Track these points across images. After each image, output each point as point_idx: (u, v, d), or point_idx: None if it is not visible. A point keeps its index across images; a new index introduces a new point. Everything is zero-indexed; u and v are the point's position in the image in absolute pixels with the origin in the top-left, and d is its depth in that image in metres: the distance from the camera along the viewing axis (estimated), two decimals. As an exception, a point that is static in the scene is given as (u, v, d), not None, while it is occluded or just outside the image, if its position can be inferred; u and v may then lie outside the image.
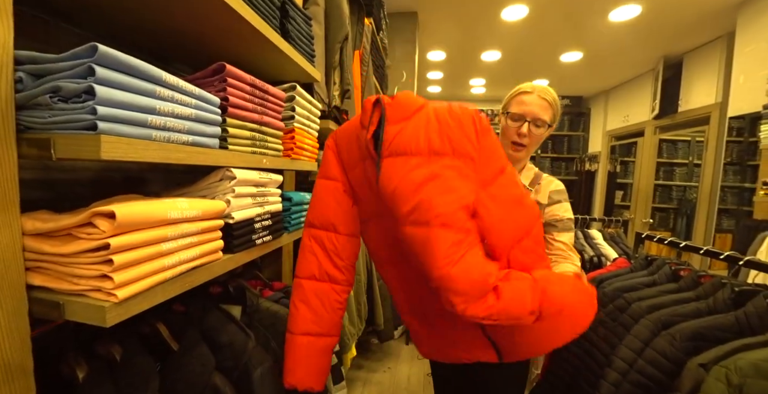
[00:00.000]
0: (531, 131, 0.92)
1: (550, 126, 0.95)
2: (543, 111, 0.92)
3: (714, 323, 0.72)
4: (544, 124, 0.92)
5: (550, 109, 0.93)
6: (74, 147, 0.41)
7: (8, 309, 0.42)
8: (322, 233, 0.75)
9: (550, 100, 0.93)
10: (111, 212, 0.42)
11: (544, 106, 0.92)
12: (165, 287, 0.51)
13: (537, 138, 0.94)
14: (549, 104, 0.93)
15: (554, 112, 0.94)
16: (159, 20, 0.68)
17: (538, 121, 0.92)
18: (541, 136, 0.95)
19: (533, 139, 0.94)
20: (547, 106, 0.93)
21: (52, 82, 0.41)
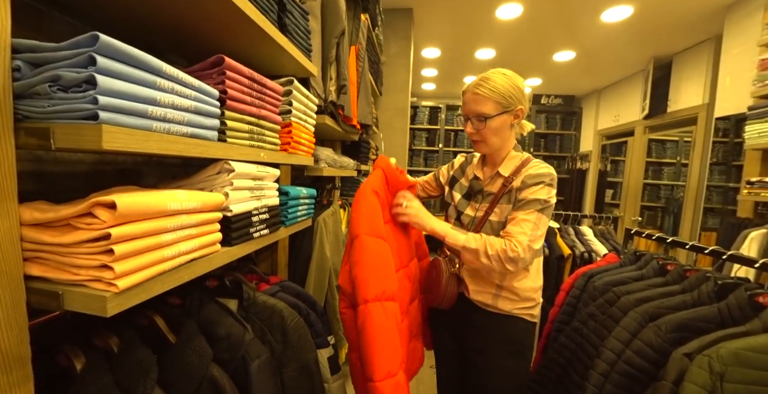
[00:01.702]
0: (477, 127, 0.94)
1: (505, 112, 0.92)
2: (479, 105, 0.92)
3: (698, 314, 0.75)
4: (486, 117, 0.92)
5: (489, 100, 0.91)
6: (74, 137, 0.41)
7: (6, 299, 0.42)
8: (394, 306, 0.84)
9: (483, 92, 0.91)
10: (112, 202, 0.42)
11: (479, 100, 0.92)
12: (164, 278, 0.51)
13: (489, 131, 0.94)
14: (485, 96, 0.91)
15: (497, 99, 0.91)
16: (154, 11, 0.68)
17: (479, 116, 0.92)
18: (494, 128, 0.94)
19: (485, 133, 0.94)
20: (483, 98, 0.91)
21: (51, 71, 0.40)
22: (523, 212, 0.90)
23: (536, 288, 0.99)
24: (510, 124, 0.96)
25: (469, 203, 1.04)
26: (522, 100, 0.94)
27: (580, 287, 1.09)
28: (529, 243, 0.86)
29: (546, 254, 1.48)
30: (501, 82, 0.92)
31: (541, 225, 0.89)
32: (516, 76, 0.95)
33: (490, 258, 0.87)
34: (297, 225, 1.02)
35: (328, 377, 0.93)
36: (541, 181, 0.91)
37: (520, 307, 0.97)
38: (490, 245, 0.87)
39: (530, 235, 0.87)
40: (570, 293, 1.11)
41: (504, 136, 0.97)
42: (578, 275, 1.13)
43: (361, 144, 2.03)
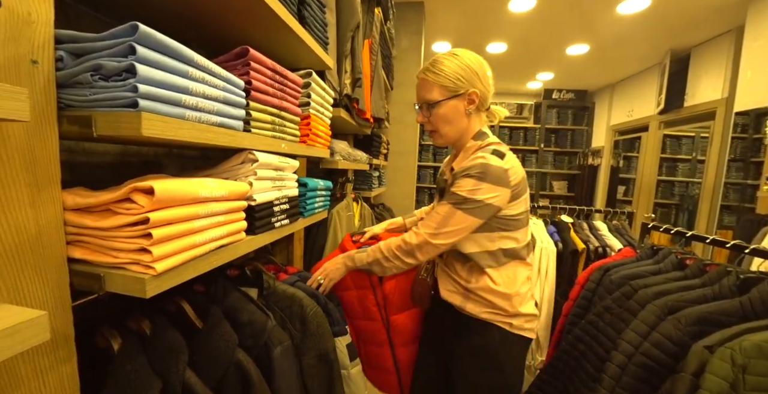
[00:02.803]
0: (426, 115, 0.87)
1: (454, 97, 0.84)
2: (425, 90, 0.86)
3: (719, 308, 0.74)
4: (431, 103, 0.85)
5: (435, 84, 0.84)
6: (115, 124, 0.43)
7: (52, 280, 0.44)
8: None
9: (429, 76, 0.84)
10: (150, 187, 0.43)
11: (425, 85, 0.85)
12: (196, 263, 0.53)
13: (438, 118, 0.86)
14: (431, 80, 0.84)
15: (443, 83, 0.83)
16: (178, 2, 0.69)
17: (426, 103, 0.86)
18: (443, 115, 0.85)
19: (435, 122, 0.87)
20: (428, 83, 0.84)
21: (92, 60, 0.42)
22: (439, 204, 0.84)
23: (505, 294, 0.86)
24: (464, 110, 0.85)
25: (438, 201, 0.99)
26: (476, 82, 0.84)
27: (596, 280, 1.08)
28: (428, 236, 0.80)
29: (560, 248, 1.47)
30: (449, 64, 0.83)
31: (452, 220, 0.79)
32: (471, 55, 0.86)
33: (389, 260, 0.85)
34: (314, 216, 1.04)
35: (347, 364, 0.95)
36: (466, 174, 0.80)
37: (490, 312, 0.88)
38: (384, 249, 0.86)
39: (434, 227, 0.80)
40: (585, 286, 1.11)
41: (459, 124, 0.87)
42: (594, 269, 1.13)
43: (373, 138, 2.04)
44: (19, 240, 0.41)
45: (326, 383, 0.85)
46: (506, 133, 5.48)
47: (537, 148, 5.39)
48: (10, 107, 0.29)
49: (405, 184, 3.10)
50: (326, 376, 0.85)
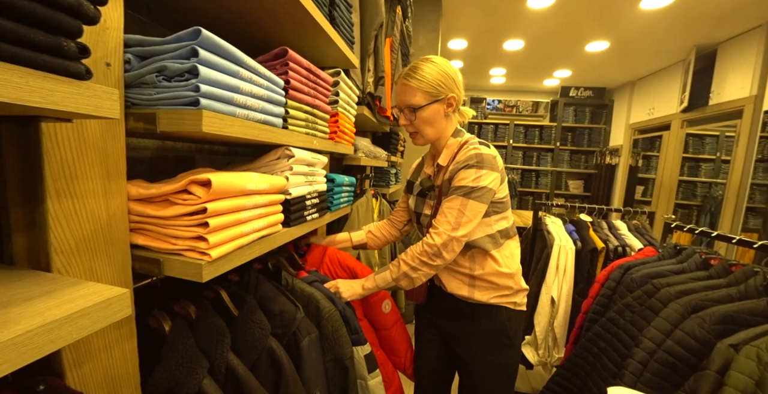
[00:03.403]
0: (409, 118, 0.91)
1: (435, 102, 0.89)
2: (408, 95, 0.89)
3: (744, 307, 0.74)
4: (416, 107, 0.89)
5: (418, 90, 0.88)
6: (177, 121, 0.46)
7: (118, 264, 0.48)
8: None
9: (411, 82, 0.88)
10: (207, 180, 0.47)
11: (408, 90, 0.89)
12: (243, 252, 0.56)
13: (422, 121, 0.91)
14: (413, 86, 0.88)
15: (425, 89, 0.88)
16: (218, 5, 0.72)
17: (410, 107, 0.90)
18: (426, 118, 0.91)
19: (418, 124, 0.91)
20: (412, 89, 0.89)
21: (157, 62, 0.46)
22: (447, 199, 0.87)
23: (509, 274, 0.94)
24: (443, 112, 0.92)
25: (425, 201, 1.01)
26: (453, 88, 0.91)
27: (616, 279, 1.09)
28: (450, 231, 0.83)
29: (578, 247, 1.47)
30: (429, 70, 0.88)
31: (467, 210, 0.84)
32: (446, 62, 0.91)
33: (416, 269, 0.86)
34: (339, 211, 1.07)
35: (365, 375, 0.92)
36: (465, 165, 0.86)
37: (497, 295, 0.94)
38: (408, 260, 0.87)
39: (453, 222, 0.84)
40: (605, 284, 1.11)
41: (439, 126, 0.93)
42: (614, 267, 1.13)
43: (391, 135, 2.06)
44: (94, 227, 0.45)
45: (340, 389, 0.85)
46: (521, 131, 5.41)
47: (553, 147, 5.32)
48: (105, 106, 0.33)
49: (420, 181, 3.11)
50: (341, 382, 0.85)
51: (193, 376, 0.55)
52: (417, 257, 0.86)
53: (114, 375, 0.49)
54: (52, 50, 0.27)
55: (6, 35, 0.24)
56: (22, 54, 0.25)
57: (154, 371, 0.56)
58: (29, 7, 0.24)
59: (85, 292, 0.36)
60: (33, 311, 0.31)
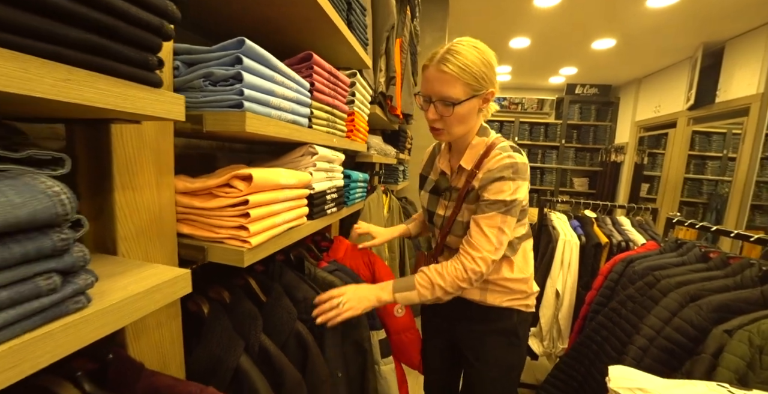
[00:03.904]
0: (442, 113, 0.78)
1: (475, 97, 0.77)
2: (446, 86, 0.75)
3: (739, 296, 0.79)
4: (454, 102, 0.76)
5: (458, 80, 0.75)
6: (222, 122, 0.52)
7: (167, 250, 0.54)
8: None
9: (452, 70, 0.74)
10: (249, 174, 0.52)
11: (446, 80, 0.75)
12: (275, 241, 0.62)
13: (456, 119, 0.79)
14: (454, 75, 0.75)
15: (467, 80, 0.75)
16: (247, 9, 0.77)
17: (445, 100, 0.76)
18: (461, 116, 0.79)
19: (450, 122, 0.79)
20: (450, 77, 0.75)
21: (204, 69, 0.51)
22: (485, 215, 0.79)
23: (525, 279, 0.91)
24: (478, 109, 0.81)
25: (438, 201, 0.94)
26: (494, 81, 0.80)
27: (619, 271, 1.13)
28: (493, 253, 0.78)
29: (583, 241, 1.51)
30: (473, 58, 0.75)
31: (506, 227, 0.79)
32: (488, 50, 0.79)
33: (451, 293, 0.81)
34: (355, 206, 1.13)
35: (379, 360, 0.99)
36: (500, 177, 0.78)
37: (509, 299, 0.91)
38: (445, 285, 0.79)
39: (495, 242, 0.78)
40: (608, 276, 1.16)
41: (470, 123, 0.83)
42: (617, 261, 1.17)
43: (399, 133, 2.10)
44: (149, 217, 0.50)
45: (360, 371, 0.91)
46: (527, 128, 5.43)
47: (558, 144, 5.33)
48: (175, 110, 0.38)
49: (426, 178, 3.16)
50: (360, 365, 0.91)
51: (231, 354, 0.61)
52: (458, 283, 0.79)
53: (164, 350, 0.55)
54: (141, 64, 0.32)
55: (112, 54, 0.29)
56: (123, 69, 0.30)
57: (195, 349, 0.62)
58: (132, 31, 0.30)
59: (153, 272, 0.41)
60: (118, 286, 0.36)
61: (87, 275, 0.30)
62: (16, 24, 0.23)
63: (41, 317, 0.27)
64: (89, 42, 0.27)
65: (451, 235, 0.91)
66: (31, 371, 0.26)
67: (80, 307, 0.30)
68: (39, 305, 0.26)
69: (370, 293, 0.82)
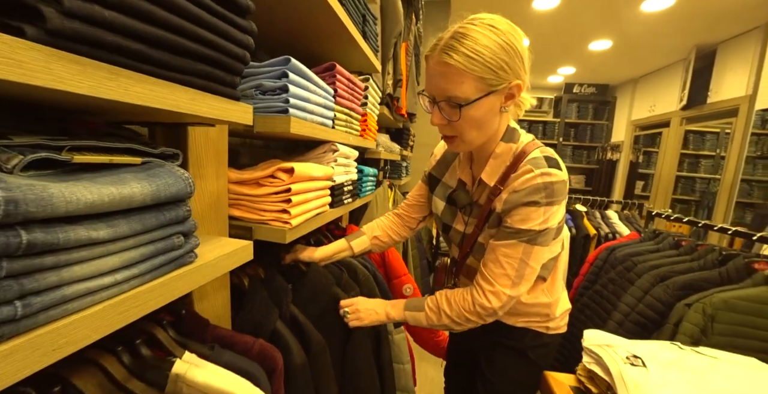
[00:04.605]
0: (449, 116, 0.62)
1: (492, 93, 0.59)
2: (450, 83, 0.59)
3: (701, 276, 0.92)
4: (462, 103, 0.59)
5: (467, 75, 0.57)
6: (270, 124, 0.63)
7: (221, 230, 0.66)
8: None
9: (458, 61, 0.56)
10: (291, 167, 0.64)
11: (449, 75, 0.58)
12: (307, 224, 0.74)
13: (468, 123, 0.62)
14: (460, 68, 0.57)
15: (480, 73, 0.57)
16: (277, 23, 0.88)
17: (451, 100, 0.60)
18: (475, 119, 0.61)
19: (461, 126, 0.63)
20: (456, 72, 0.57)
21: (256, 81, 0.62)
22: (504, 243, 0.66)
23: (550, 303, 0.79)
24: (499, 108, 0.63)
25: (456, 214, 0.80)
26: (519, 70, 0.60)
27: (603, 258, 1.26)
28: (510, 288, 0.66)
29: (573, 233, 1.64)
30: (488, 41, 0.57)
31: (531, 260, 0.65)
32: (511, 29, 0.60)
33: (460, 325, 0.71)
34: (366, 198, 1.25)
35: (392, 330, 1.13)
36: (529, 202, 0.62)
37: (525, 320, 0.81)
38: (452, 315, 0.70)
39: (514, 276, 0.65)
40: (594, 263, 1.29)
41: (489, 127, 0.65)
42: (602, 249, 1.30)
43: (403, 131, 2.22)
44: (209, 201, 0.62)
45: (375, 339, 1.02)
46: (525, 126, 5.51)
47: (556, 142, 5.45)
48: (247, 117, 0.50)
49: (427, 174, 3.27)
50: (375, 333, 1.02)
51: (269, 319, 0.73)
52: (465, 315, 0.69)
53: (218, 312, 0.67)
54: (231, 84, 0.44)
55: (217, 79, 0.41)
56: (221, 89, 0.42)
57: (239, 313, 0.74)
58: (228, 61, 0.41)
59: (225, 242, 0.53)
60: (206, 250, 0.48)
61: (195, 238, 0.42)
62: (167, 63, 0.35)
63: (175, 264, 0.39)
64: (206, 72, 0.39)
65: (471, 257, 0.78)
66: (171, 299, 0.38)
67: (193, 260, 0.42)
68: (175, 255, 0.38)
69: (380, 307, 0.78)
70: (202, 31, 0.36)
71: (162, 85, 0.34)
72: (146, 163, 0.37)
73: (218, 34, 0.39)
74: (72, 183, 0.27)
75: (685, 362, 0.59)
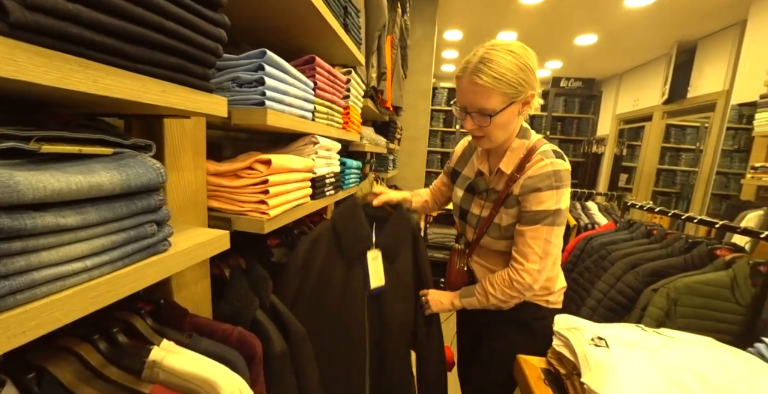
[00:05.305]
0: (480, 123, 0.78)
1: (513, 103, 0.76)
2: (481, 98, 0.74)
3: (668, 263, 0.96)
4: (491, 114, 0.75)
5: (494, 91, 0.73)
6: (246, 117, 0.64)
7: (200, 221, 0.66)
8: None
9: (486, 81, 0.72)
10: (268, 159, 0.65)
11: (480, 92, 0.74)
12: (286, 215, 0.75)
13: (498, 126, 0.78)
14: (488, 86, 0.73)
15: (503, 90, 0.73)
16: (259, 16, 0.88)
17: (482, 112, 0.76)
18: (503, 122, 0.78)
19: (490, 131, 0.79)
20: (485, 89, 0.73)
21: (232, 73, 0.63)
22: (530, 228, 0.80)
23: (551, 278, 0.90)
24: (518, 112, 0.80)
25: (473, 199, 0.94)
26: (533, 83, 0.77)
27: (581, 247, 1.31)
28: (539, 264, 0.80)
29: (554, 224, 1.69)
30: (508, 65, 0.72)
31: (553, 237, 0.80)
32: (524, 51, 0.76)
33: (507, 301, 0.85)
34: (349, 190, 1.26)
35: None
36: (542, 187, 0.78)
37: (531, 294, 0.88)
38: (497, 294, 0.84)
39: (541, 253, 0.80)
40: (572, 253, 1.33)
41: (511, 128, 0.82)
42: (580, 239, 1.35)
43: (389, 124, 2.23)
44: (187, 193, 0.63)
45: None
46: (513, 120, 5.59)
47: (543, 136, 5.51)
48: (221, 109, 0.50)
49: (416, 167, 3.31)
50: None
51: (249, 308, 0.74)
52: (507, 292, 0.84)
53: (197, 302, 0.69)
54: (204, 77, 0.45)
55: (188, 71, 0.42)
56: (194, 82, 0.43)
57: (220, 302, 0.75)
58: (200, 54, 0.42)
59: (202, 232, 0.54)
60: (181, 239, 0.49)
61: (169, 227, 0.43)
62: (137, 55, 0.35)
63: (147, 252, 0.40)
64: (177, 64, 0.40)
65: (486, 236, 0.92)
66: (143, 286, 0.39)
67: (166, 248, 0.43)
68: (147, 243, 0.39)
69: (445, 298, 0.95)
70: (171, 24, 0.37)
71: (132, 78, 0.35)
72: (117, 154, 0.38)
73: (189, 27, 0.40)
74: (40, 172, 0.28)
75: (644, 342, 0.62)
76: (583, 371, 0.59)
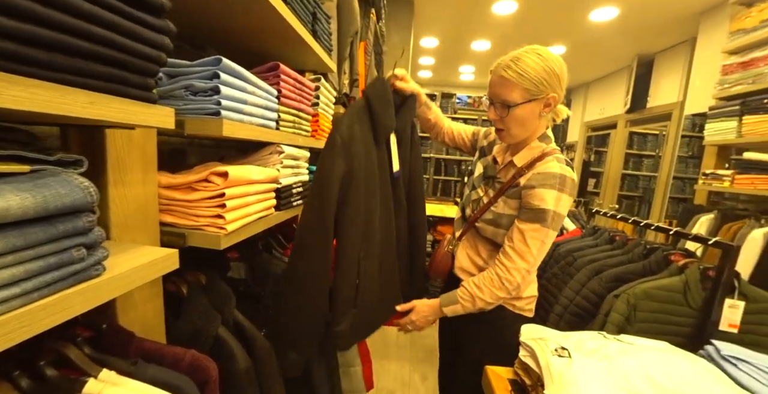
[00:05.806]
0: (500, 114, 0.86)
1: (532, 101, 0.82)
2: (504, 90, 0.83)
3: (629, 269, 1.00)
4: (510, 105, 0.83)
5: (516, 85, 0.81)
6: (201, 126, 0.61)
7: (151, 237, 0.62)
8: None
9: (510, 75, 0.81)
10: (225, 172, 0.62)
11: (504, 84, 0.83)
12: (247, 228, 0.72)
13: (513, 120, 0.85)
14: (512, 80, 0.81)
15: (525, 85, 0.81)
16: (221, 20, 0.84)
17: (503, 103, 0.84)
18: (519, 118, 0.85)
19: (508, 122, 0.86)
20: (509, 82, 0.82)
21: (185, 81, 0.59)
22: (532, 226, 0.82)
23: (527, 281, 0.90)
24: (539, 113, 0.85)
25: (482, 183, 1.00)
26: (556, 87, 0.83)
27: (549, 254, 1.33)
28: (526, 265, 0.82)
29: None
30: (533, 65, 0.80)
31: (547, 240, 0.82)
32: (553, 57, 0.83)
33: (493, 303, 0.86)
34: (320, 199, 1.23)
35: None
36: (546, 184, 0.82)
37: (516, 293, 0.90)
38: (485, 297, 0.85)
39: (535, 253, 0.81)
40: (540, 259, 1.36)
41: (530, 126, 0.88)
42: (548, 246, 1.38)
43: (364, 131, 2.22)
44: (135, 208, 0.59)
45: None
46: (489, 125, 5.72)
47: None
48: (167, 121, 0.47)
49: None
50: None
51: (211, 325, 0.70)
52: (495, 293, 0.85)
53: (148, 324, 0.64)
54: (143, 87, 0.41)
55: (124, 81, 0.38)
56: (131, 92, 0.39)
57: (178, 321, 0.70)
58: (138, 63, 0.39)
59: (147, 251, 0.50)
60: (121, 261, 0.45)
61: (103, 249, 0.40)
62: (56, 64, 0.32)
63: (74, 279, 0.36)
64: (108, 74, 0.36)
65: (480, 221, 0.95)
66: (69, 317, 0.35)
67: (99, 273, 0.39)
68: (73, 270, 0.35)
69: (429, 317, 0.95)
70: (99, 30, 0.34)
71: (48, 88, 0.31)
72: (36, 172, 0.34)
73: (122, 33, 0.37)
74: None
75: (604, 350, 0.63)
76: (546, 383, 0.59)
